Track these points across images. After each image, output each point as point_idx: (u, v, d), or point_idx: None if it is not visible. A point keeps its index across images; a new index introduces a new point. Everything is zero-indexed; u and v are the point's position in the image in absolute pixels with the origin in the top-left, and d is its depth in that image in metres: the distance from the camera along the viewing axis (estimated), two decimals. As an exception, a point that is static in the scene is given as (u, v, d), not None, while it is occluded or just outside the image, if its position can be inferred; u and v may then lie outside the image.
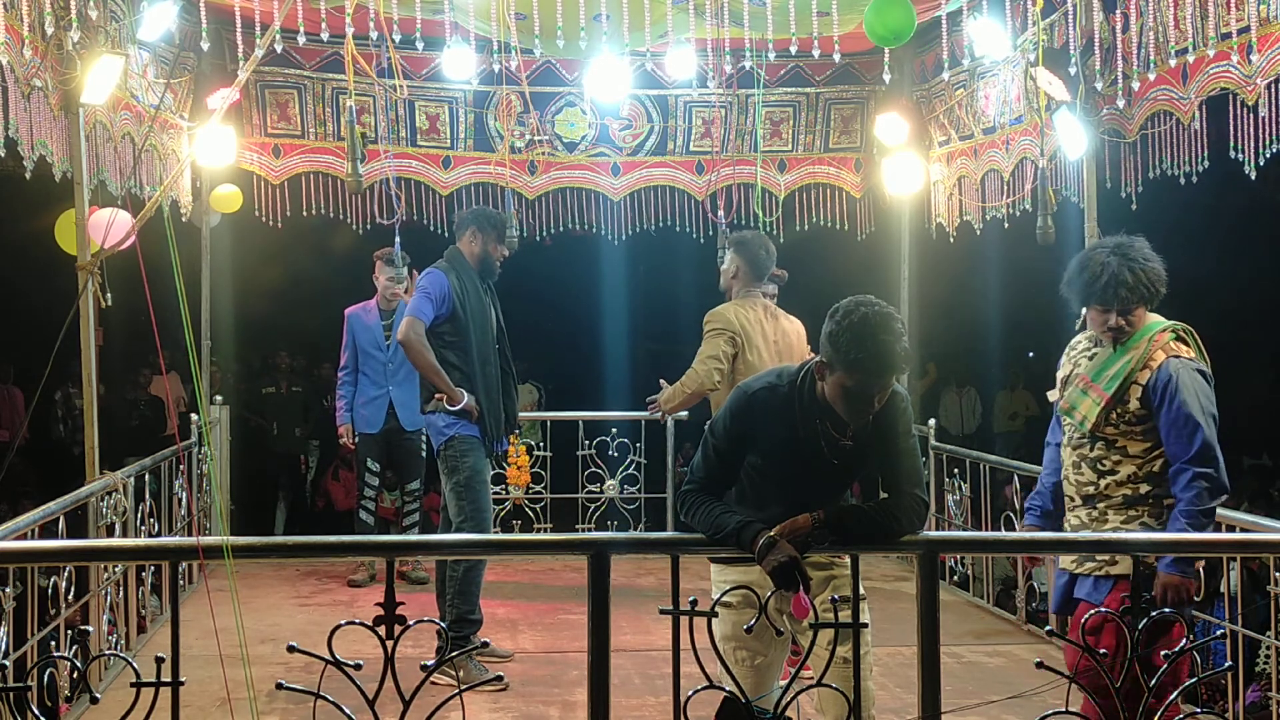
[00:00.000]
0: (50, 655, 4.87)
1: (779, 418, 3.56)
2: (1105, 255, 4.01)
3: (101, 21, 5.41)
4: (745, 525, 3.44)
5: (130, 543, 5.37)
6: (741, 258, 5.65)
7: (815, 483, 3.60)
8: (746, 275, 5.65)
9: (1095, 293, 4.00)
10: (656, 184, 8.54)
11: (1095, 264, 4.02)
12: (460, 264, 5.91)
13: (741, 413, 3.61)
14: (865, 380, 3.41)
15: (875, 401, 3.46)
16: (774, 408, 3.57)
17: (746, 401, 3.61)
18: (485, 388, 5.85)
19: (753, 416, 3.59)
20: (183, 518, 7.14)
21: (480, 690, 3.35)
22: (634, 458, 8.70)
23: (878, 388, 3.43)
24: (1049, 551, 3.84)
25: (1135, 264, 3.98)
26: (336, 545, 3.71)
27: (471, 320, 5.82)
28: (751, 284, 5.67)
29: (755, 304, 5.61)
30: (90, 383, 5.65)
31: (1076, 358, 4.22)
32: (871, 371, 3.40)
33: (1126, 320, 4.00)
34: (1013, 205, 7.16)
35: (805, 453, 3.56)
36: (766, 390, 3.62)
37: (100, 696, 3.34)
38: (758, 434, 3.60)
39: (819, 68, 8.22)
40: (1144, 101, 5.72)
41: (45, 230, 5.98)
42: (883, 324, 3.41)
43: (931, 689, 3.46)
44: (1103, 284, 3.97)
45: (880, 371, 3.41)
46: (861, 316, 3.41)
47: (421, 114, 8.25)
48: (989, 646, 6.42)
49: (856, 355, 3.39)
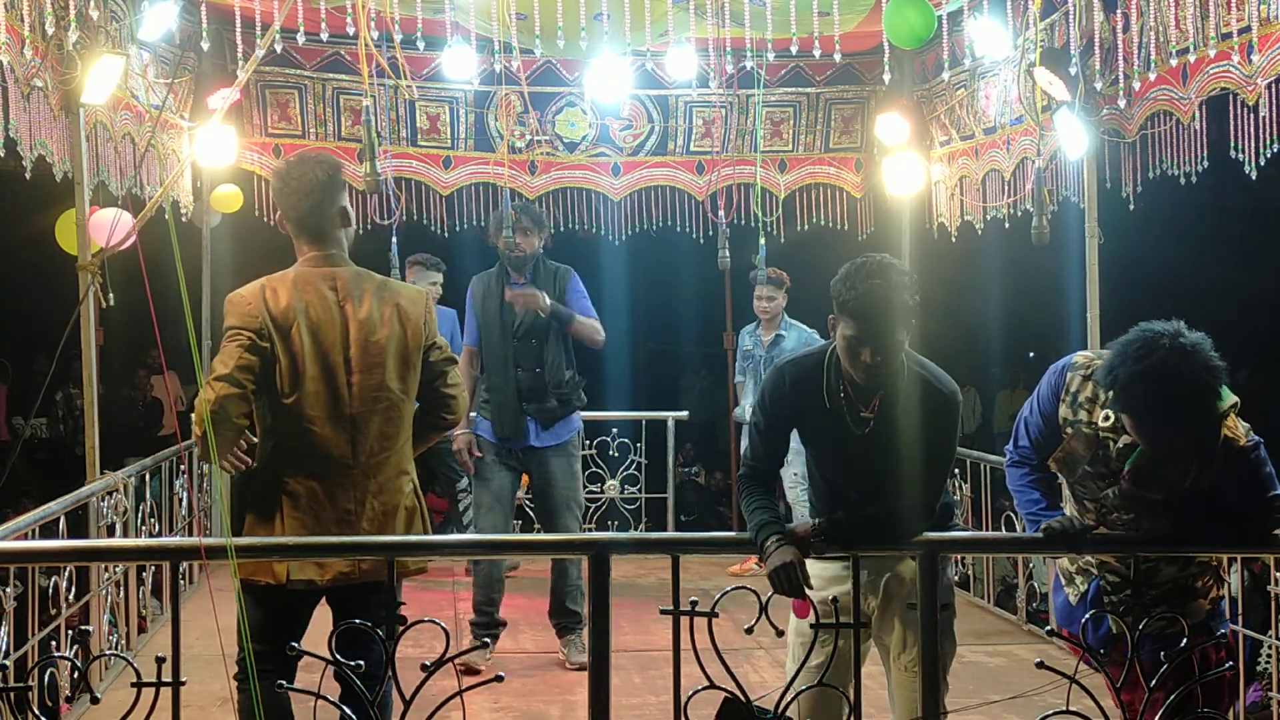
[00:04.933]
0: (51, 655, 4.87)
1: (810, 390, 3.55)
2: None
3: (102, 21, 5.40)
4: (763, 526, 3.48)
5: (131, 543, 5.37)
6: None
7: (854, 459, 3.55)
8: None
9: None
10: (657, 184, 8.54)
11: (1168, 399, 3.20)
12: (498, 265, 6.18)
13: (774, 388, 3.62)
14: (856, 325, 3.37)
15: (870, 353, 3.38)
16: (804, 380, 3.57)
17: (777, 376, 3.63)
18: (489, 386, 6.07)
19: (784, 391, 3.59)
20: (183, 517, 7.14)
21: (480, 690, 3.35)
22: (634, 458, 8.71)
23: (868, 334, 3.37)
24: (1049, 552, 3.81)
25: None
26: (337, 545, 3.71)
27: (486, 322, 6.09)
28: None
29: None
30: (91, 383, 5.65)
31: (1080, 412, 3.52)
32: (859, 314, 3.36)
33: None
34: (1013, 205, 7.15)
35: (837, 426, 3.54)
36: (793, 364, 3.63)
37: (101, 697, 3.34)
38: (795, 409, 3.59)
39: (819, 68, 8.21)
40: (1144, 101, 5.72)
41: (45, 230, 5.97)
42: (876, 270, 3.39)
43: (931, 689, 3.47)
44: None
45: (867, 314, 3.36)
46: (859, 264, 3.43)
47: (422, 114, 8.25)
48: (989, 646, 6.41)
49: (845, 297, 3.39)
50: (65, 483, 6.09)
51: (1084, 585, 3.67)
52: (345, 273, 3.84)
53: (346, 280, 3.82)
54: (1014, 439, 3.73)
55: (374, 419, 3.77)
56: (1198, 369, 3.16)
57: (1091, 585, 3.64)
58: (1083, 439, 3.46)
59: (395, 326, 3.79)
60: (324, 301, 3.77)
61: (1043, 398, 3.59)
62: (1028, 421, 3.65)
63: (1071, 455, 3.50)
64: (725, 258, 8.18)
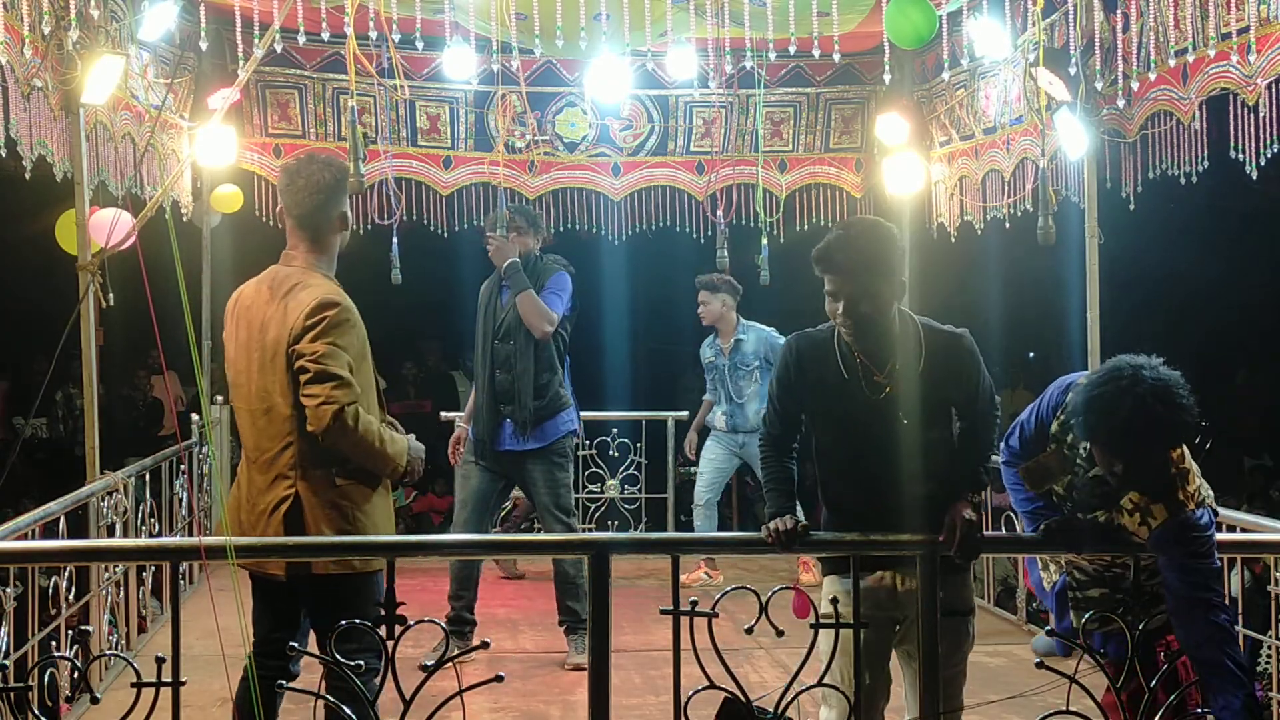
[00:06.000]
0: (51, 655, 4.87)
1: (822, 362, 3.57)
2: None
3: (101, 21, 5.40)
4: (779, 510, 3.53)
5: (131, 543, 5.37)
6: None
7: (874, 427, 3.53)
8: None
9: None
10: (657, 184, 8.53)
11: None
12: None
13: (784, 361, 3.66)
14: (828, 278, 3.48)
15: (846, 304, 3.46)
16: (814, 352, 3.59)
17: (786, 349, 3.68)
18: (475, 387, 6.21)
19: (792, 361, 3.62)
20: (183, 518, 7.14)
21: (480, 690, 3.35)
22: (634, 458, 8.70)
23: (840, 284, 3.46)
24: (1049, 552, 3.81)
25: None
26: (338, 545, 3.71)
27: (479, 321, 6.12)
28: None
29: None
30: (91, 383, 5.65)
31: (1068, 435, 3.56)
32: (825, 262, 3.49)
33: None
34: (1013, 205, 7.16)
35: (855, 395, 3.53)
36: (802, 337, 3.66)
37: (101, 697, 3.35)
38: (807, 381, 3.60)
39: (819, 68, 8.21)
40: (1144, 101, 5.72)
41: (45, 230, 5.97)
42: (846, 224, 3.63)
43: (931, 689, 3.47)
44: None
45: (833, 261, 3.48)
46: (835, 225, 3.64)
47: (422, 114, 8.25)
48: (989, 646, 6.40)
49: (816, 254, 3.50)
50: (65, 483, 6.08)
51: (1056, 575, 3.77)
52: (283, 271, 3.89)
53: (280, 279, 3.87)
54: (1006, 438, 3.76)
55: (260, 418, 3.85)
56: (1153, 399, 3.19)
57: (1061, 578, 3.73)
58: (1059, 459, 3.54)
59: (280, 329, 3.78)
60: (258, 298, 3.87)
61: (1040, 410, 3.65)
62: (1024, 426, 3.70)
63: (1044, 469, 3.57)
64: (725, 258, 8.18)
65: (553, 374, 6.07)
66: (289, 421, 3.77)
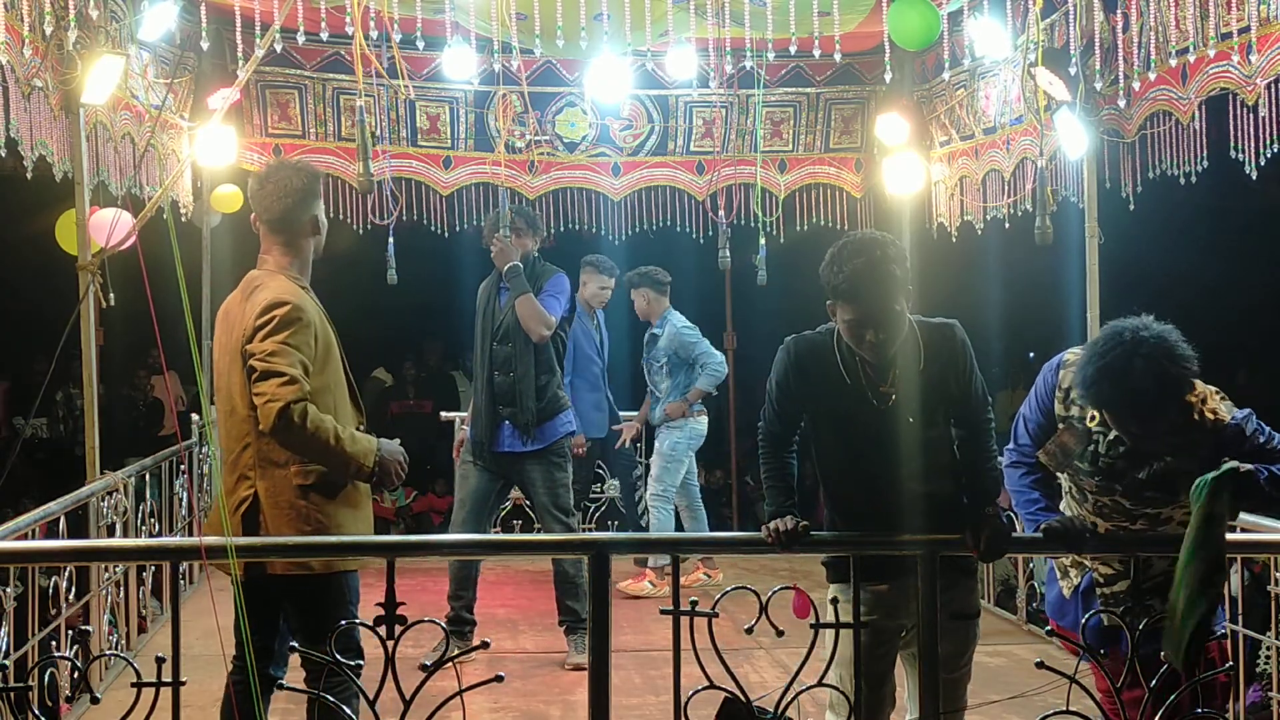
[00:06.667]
0: (51, 655, 4.87)
1: (823, 368, 3.53)
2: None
3: (101, 21, 5.40)
4: (779, 509, 3.48)
5: (131, 543, 5.37)
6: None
7: (881, 433, 3.50)
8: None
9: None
10: (657, 184, 8.54)
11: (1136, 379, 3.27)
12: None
13: (782, 365, 3.59)
14: (853, 308, 3.37)
15: (873, 333, 3.37)
16: (814, 359, 3.54)
17: (783, 352, 3.60)
18: (475, 387, 6.23)
19: (790, 365, 3.57)
20: (183, 518, 7.14)
21: (480, 690, 3.35)
22: (636, 459, 8.69)
23: (866, 314, 3.36)
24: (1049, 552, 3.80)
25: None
26: (338, 545, 3.72)
27: (478, 323, 6.14)
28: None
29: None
30: (91, 383, 5.65)
31: (1073, 408, 3.59)
32: (851, 296, 3.36)
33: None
34: (1014, 205, 7.16)
35: (860, 401, 3.50)
36: (800, 340, 3.60)
37: (101, 697, 3.35)
38: (807, 386, 3.56)
39: (819, 68, 8.21)
40: (1144, 101, 5.72)
41: (45, 230, 5.97)
42: (859, 248, 3.39)
43: (932, 689, 3.47)
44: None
45: (859, 294, 3.35)
46: (842, 245, 3.43)
47: (422, 114, 8.25)
48: (989, 646, 6.39)
49: (835, 281, 3.38)
50: (65, 483, 6.08)
51: (1078, 579, 3.69)
52: (254, 275, 3.92)
53: (248, 282, 3.90)
54: (1013, 438, 3.74)
55: (227, 418, 3.87)
56: (1159, 357, 3.23)
57: (1085, 578, 3.67)
58: (1074, 434, 3.53)
59: (239, 330, 3.79)
60: (232, 302, 3.93)
61: (1039, 396, 3.64)
62: (1026, 419, 3.68)
63: (1063, 448, 3.56)
64: (725, 258, 8.18)
65: (551, 375, 6.07)
66: (247, 422, 3.77)
